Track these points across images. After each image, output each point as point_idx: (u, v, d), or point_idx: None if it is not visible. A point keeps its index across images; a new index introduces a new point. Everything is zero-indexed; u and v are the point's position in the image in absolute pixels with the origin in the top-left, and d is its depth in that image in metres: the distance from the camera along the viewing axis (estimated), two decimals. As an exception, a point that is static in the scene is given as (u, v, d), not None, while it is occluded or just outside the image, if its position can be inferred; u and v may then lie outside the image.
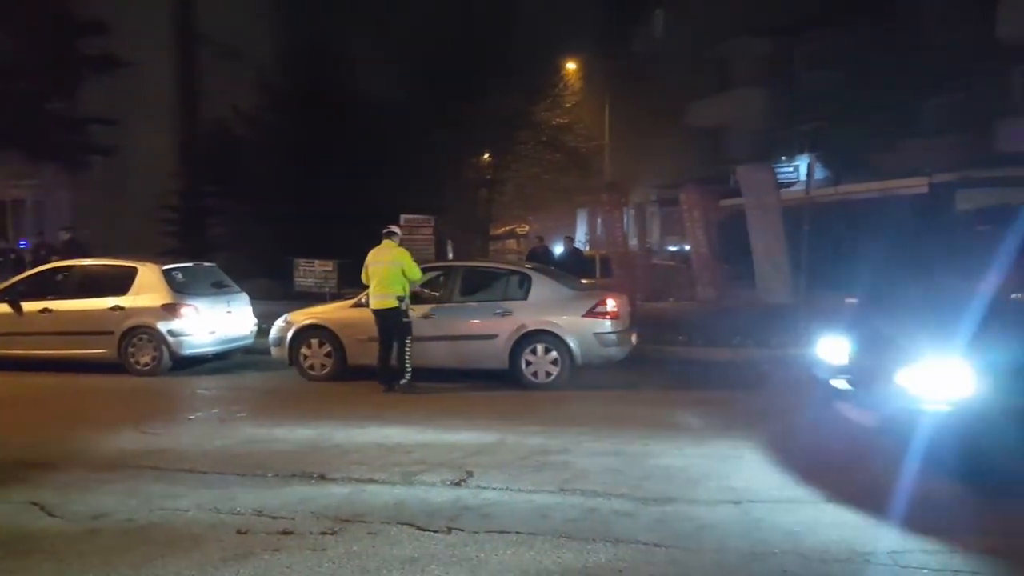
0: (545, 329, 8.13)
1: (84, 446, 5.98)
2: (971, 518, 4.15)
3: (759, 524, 4.21)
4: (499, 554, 3.82)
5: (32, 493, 4.83)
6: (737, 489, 4.78)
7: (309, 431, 6.39)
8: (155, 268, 9.72)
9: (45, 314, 9.57)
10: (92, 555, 3.87)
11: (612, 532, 4.09)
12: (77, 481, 5.11)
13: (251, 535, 4.09)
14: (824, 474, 4.97)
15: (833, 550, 3.83)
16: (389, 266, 8.10)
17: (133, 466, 5.44)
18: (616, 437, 6.10)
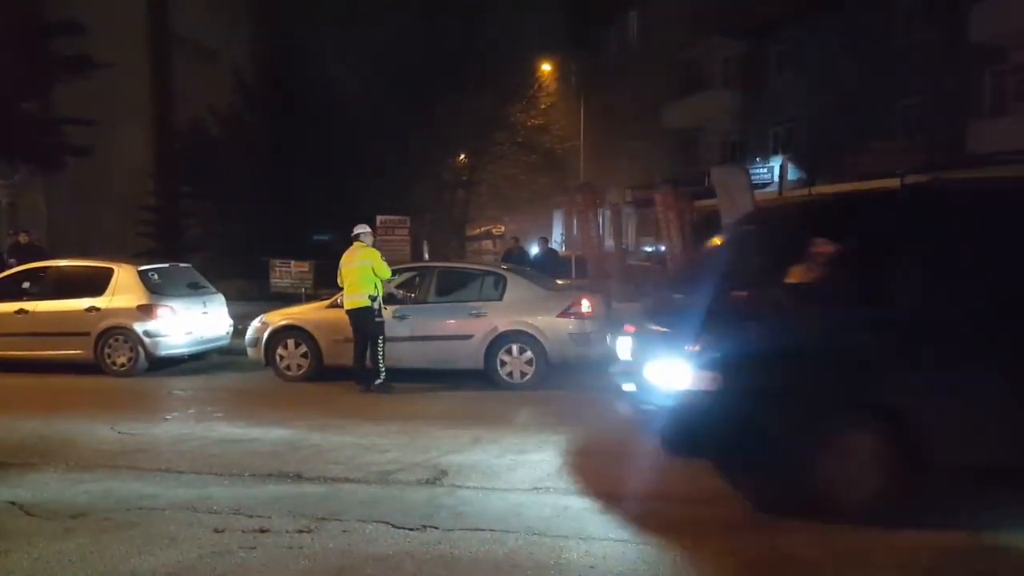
0: (520, 329, 8.28)
1: (61, 446, 6.02)
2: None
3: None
4: (472, 551, 3.94)
5: (10, 492, 4.88)
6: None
7: (286, 431, 6.48)
8: (131, 269, 9.72)
9: (21, 315, 9.54)
10: (70, 553, 3.94)
11: (586, 531, 4.22)
12: (54, 480, 5.18)
13: (228, 533, 4.18)
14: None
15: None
16: (360, 266, 8.20)
17: (110, 466, 5.50)
18: (592, 437, 6.25)
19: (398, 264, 9.51)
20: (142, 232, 20.08)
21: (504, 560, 3.83)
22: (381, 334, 8.21)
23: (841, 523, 4.19)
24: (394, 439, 6.18)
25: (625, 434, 6.19)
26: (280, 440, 6.21)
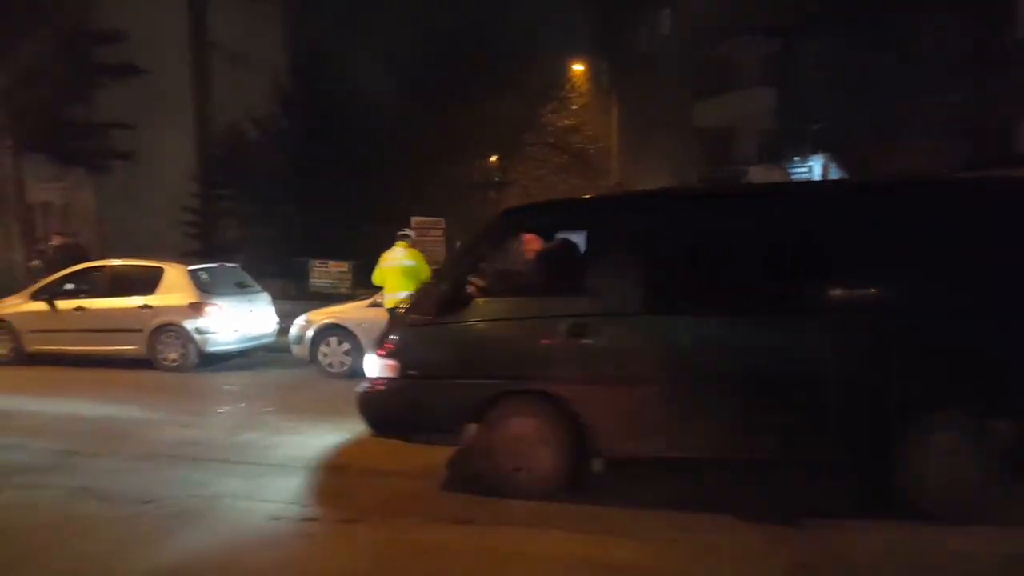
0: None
1: (125, 436, 6.43)
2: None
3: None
4: (511, 543, 4.14)
5: (81, 479, 5.27)
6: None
7: (331, 425, 6.80)
8: (181, 268, 10.18)
9: (79, 312, 10.05)
10: (138, 537, 4.28)
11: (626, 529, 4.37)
12: (120, 469, 5.56)
13: (282, 522, 4.48)
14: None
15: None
16: (402, 265, 8.51)
17: (171, 456, 5.88)
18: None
19: (433, 265, 9.80)
20: (186, 233, 20.74)
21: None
22: None
23: (522, 499, 4.70)
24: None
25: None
26: (327, 434, 6.53)
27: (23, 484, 5.19)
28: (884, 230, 4.56)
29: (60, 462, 5.73)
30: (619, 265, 4.73)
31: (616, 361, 4.67)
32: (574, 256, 5.29)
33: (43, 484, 5.18)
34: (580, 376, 4.69)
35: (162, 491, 5.00)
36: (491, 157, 21.91)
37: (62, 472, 5.48)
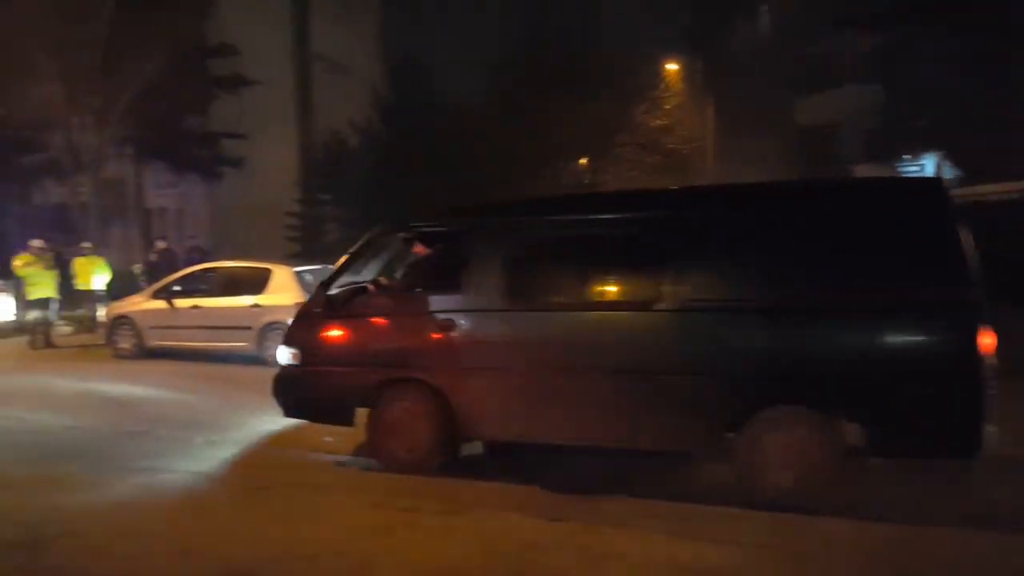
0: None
1: (238, 427, 6.85)
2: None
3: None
4: (610, 543, 4.15)
5: (199, 465, 5.60)
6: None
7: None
8: (288, 270, 10.71)
9: (195, 310, 10.74)
10: (254, 521, 4.53)
11: (727, 535, 4.31)
12: (236, 456, 5.91)
13: (384, 509, 4.63)
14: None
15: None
16: None
17: (282, 445, 6.27)
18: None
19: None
20: (289, 236, 21.76)
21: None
22: None
23: (407, 473, 5.27)
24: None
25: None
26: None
27: (150, 468, 5.59)
28: (717, 233, 4.84)
29: (179, 449, 6.14)
30: (480, 268, 5.26)
31: (477, 352, 5.21)
32: (447, 260, 5.71)
33: (168, 469, 5.56)
34: (449, 366, 5.25)
35: (274, 478, 5.25)
36: (581, 159, 21.80)
37: (183, 458, 5.86)
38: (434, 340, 5.26)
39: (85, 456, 5.84)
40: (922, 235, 4.46)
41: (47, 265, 12.03)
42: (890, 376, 4.41)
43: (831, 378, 4.52)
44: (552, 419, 5.13)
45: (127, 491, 5.00)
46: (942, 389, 4.35)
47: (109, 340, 11.25)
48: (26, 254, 11.98)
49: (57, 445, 6.29)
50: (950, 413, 4.38)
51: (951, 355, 4.37)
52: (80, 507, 4.67)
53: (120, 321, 11.16)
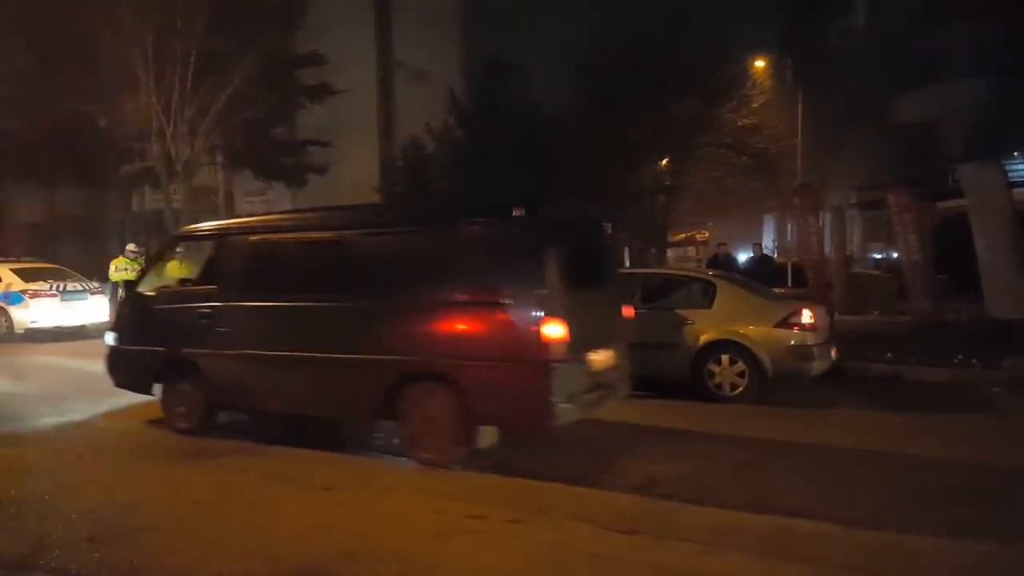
0: (731, 340, 7.90)
1: (306, 426, 6.75)
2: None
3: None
4: (684, 560, 3.81)
5: (275, 466, 5.56)
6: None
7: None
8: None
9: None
10: (322, 519, 4.45)
11: (812, 554, 3.90)
12: (303, 457, 5.83)
13: (448, 515, 4.44)
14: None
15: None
16: None
17: (352, 445, 6.23)
18: (819, 458, 5.79)
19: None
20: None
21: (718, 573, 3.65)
22: None
23: (181, 434, 6.45)
24: (602, 443, 6.23)
25: (856, 456, 5.69)
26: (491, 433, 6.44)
27: (224, 466, 5.58)
28: (361, 249, 6.05)
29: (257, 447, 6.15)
30: (220, 268, 6.64)
31: (220, 337, 6.35)
32: (209, 263, 7.14)
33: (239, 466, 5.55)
34: (206, 348, 6.43)
35: (340, 479, 5.16)
36: (662, 160, 21.19)
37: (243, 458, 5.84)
38: (197, 327, 6.48)
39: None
40: (511, 253, 5.52)
41: (142, 268, 12.49)
42: (485, 360, 5.45)
43: (453, 360, 5.51)
44: (270, 392, 6.30)
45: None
46: (519, 372, 5.34)
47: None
48: (121, 258, 12.52)
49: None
50: (525, 391, 5.36)
51: (524, 343, 5.31)
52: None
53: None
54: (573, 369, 5.40)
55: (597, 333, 5.88)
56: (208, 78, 15.95)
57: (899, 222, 14.12)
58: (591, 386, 5.68)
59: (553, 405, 5.28)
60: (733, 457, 5.76)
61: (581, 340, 5.44)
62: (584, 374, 5.59)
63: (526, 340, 5.27)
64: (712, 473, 5.37)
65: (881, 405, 7.90)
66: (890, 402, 8.02)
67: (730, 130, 20.47)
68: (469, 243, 5.71)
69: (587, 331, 5.60)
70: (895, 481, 5.22)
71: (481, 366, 5.42)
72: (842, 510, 4.55)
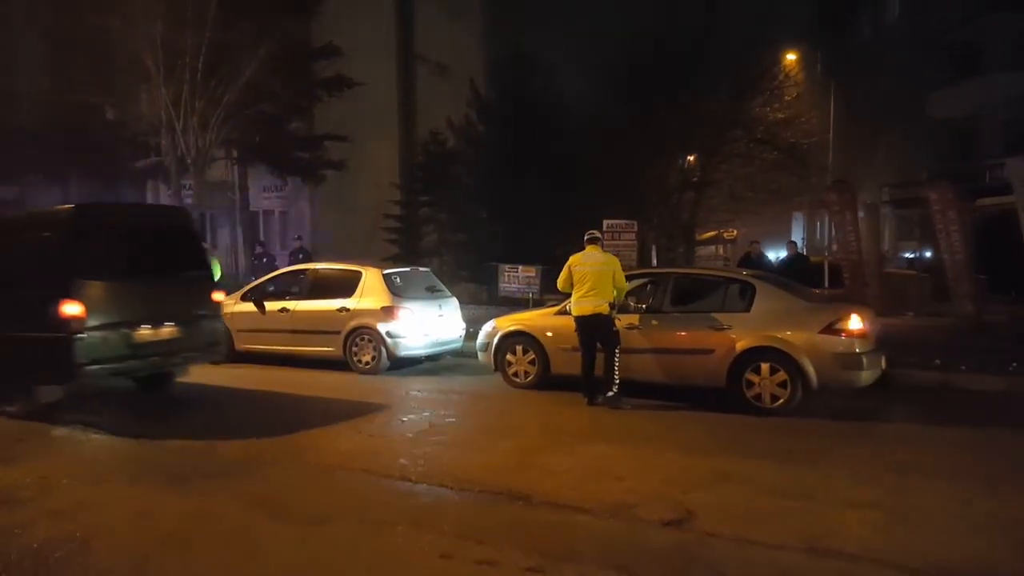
0: (771, 346, 7.24)
1: (306, 444, 6.23)
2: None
3: None
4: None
5: (258, 489, 5.03)
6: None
7: (514, 444, 6.16)
8: (377, 272, 10.19)
9: (283, 313, 10.40)
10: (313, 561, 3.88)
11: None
12: (297, 481, 5.28)
13: (455, 561, 3.85)
14: None
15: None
16: (603, 270, 7.72)
17: (348, 468, 5.54)
18: (873, 483, 5.14)
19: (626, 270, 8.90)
20: (386, 238, 21.62)
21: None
22: (617, 344, 7.67)
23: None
24: (628, 464, 5.58)
25: (924, 481, 5.02)
26: (509, 453, 5.90)
27: (205, 490, 5.06)
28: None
29: (240, 468, 5.61)
30: None
31: None
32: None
33: (221, 490, 5.01)
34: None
35: (333, 512, 4.59)
36: (690, 156, 20.45)
37: (238, 480, 5.31)
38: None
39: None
40: (48, 247, 7.00)
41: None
42: (28, 331, 6.85)
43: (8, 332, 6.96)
44: None
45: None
46: (49, 340, 6.72)
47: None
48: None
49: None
50: (53, 356, 6.73)
51: (49, 319, 6.65)
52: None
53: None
54: (104, 338, 6.85)
55: (151, 311, 7.30)
56: (220, 69, 15.49)
57: (942, 220, 13.34)
58: (132, 353, 7.09)
59: (78, 367, 6.70)
60: (778, 483, 5.11)
61: (122, 316, 7.01)
62: (123, 343, 7.00)
63: (51, 316, 6.63)
64: (756, 502, 4.73)
65: (936, 418, 7.19)
66: (945, 415, 7.32)
67: (762, 124, 19.67)
68: (19, 240, 7.24)
69: (136, 309, 7.17)
70: (968, 515, 4.55)
71: (27, 337, 6.79)
72: (910, 554, 3.91)
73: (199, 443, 6.29)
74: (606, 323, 7.68)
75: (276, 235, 25.15)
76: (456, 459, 5.73)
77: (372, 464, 5.59)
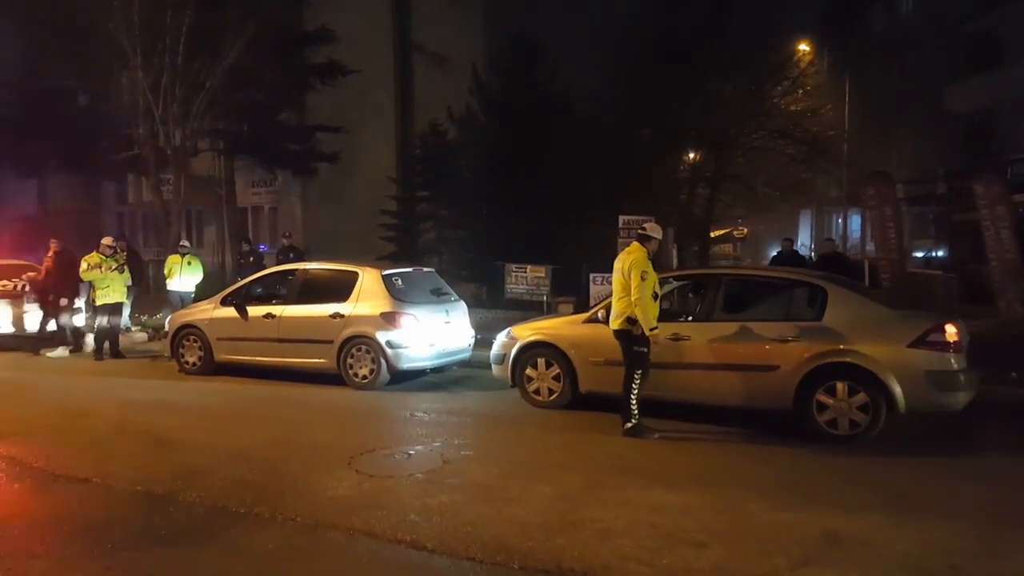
0: (850, 361, 6.07)
1: (292, 487, 5.03)
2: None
3: None
4: None
5: (223, 558, 3.84)
6: None
7: (552, 489, 4.96)
8: (376, 273, 8.96)
9: (269, 320, 9.16)
10: None
11: None
12: (273, 550, 4.06)
13: None
14: None
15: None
16: (615, 275, 6.52)
17: (344, 527, 4.33)
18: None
19: (667, 272, 7.72)
20: (382, 236, 20.42)
21: None
22: (639, 367, 6.36)
23: None
24: (704, 519, 4.38)
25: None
26: (548, 502, 4.71)
27: (167, 558, 3.85)
28: None
29: (210, 524, 4.41)
30: None
31: None
32: None
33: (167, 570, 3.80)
34: None
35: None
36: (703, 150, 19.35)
37: (208, 543, 4.11)
38: None
39: None
40: None
41: (118, 266, 10.75)
42: None
43: None
44: None
45: None
46: None
47: (173, 353, 9.86)
48: (95, 254, 10.74)
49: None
50: None
51: None
52: None
53: (186, 331, 9.74)
54: None
55: None
56: (203, 52, 14.18)
57: (990, 216, 12.24)
58: None
59: None
60: (909, 547, 3.92)
61: None
62: None
63: None
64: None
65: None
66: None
67: (782, 115, 18.54)
68: None
69: None
70: None
71: None
72: None
73: (156, 489, 5.07)
74: (622, 340, 6.44)
75: (266, 233, 23.88)
76: (482, 514, 4.51)
77: (374, 522, 4.38)
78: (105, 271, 10.56)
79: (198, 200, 20.52)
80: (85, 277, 10.79)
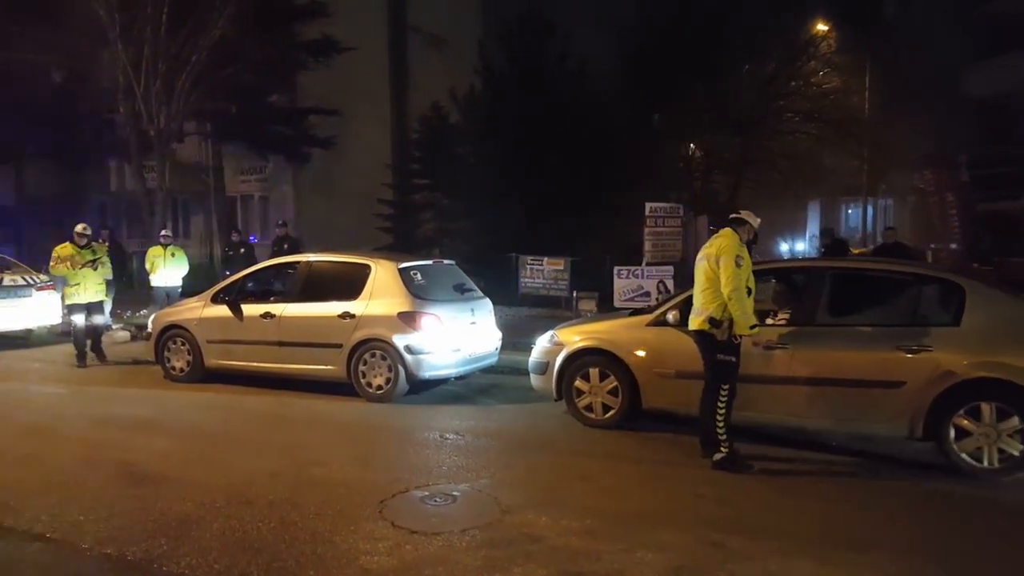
0: (999, 377, 4.90)
1: (312, 553, 3.79)
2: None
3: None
4: None
5: None
6: None
7: (658, 558, 3.76)
8: (391, 267, 7.70)
9: (267, 320, 7.90)
10: None
11: None
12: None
13: None
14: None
15: None
16: (700, 265, 5.33)
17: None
18: None
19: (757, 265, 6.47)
20: (379, 226, 19.18)
21: None
22: (725, 380, 5.21)
23: None
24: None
25: None
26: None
27: None
28: None
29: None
30: None
31: None
32: None
33: None
34: None
35: None
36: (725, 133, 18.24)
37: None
38: None
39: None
40: None
41: (91, 261, 9.34)
42: None
43: None
44: None
45: None
46: None
47: (158, 357, 8.57)
48: (68, 244, 9.35)
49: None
50: None
51: None
52: None
53: (172, 332, 8.45)
54: None
55: None
56: (187, 23, 12.82)
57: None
58: None
59: None
60: None
61: None
62: None
63: None
64: None
65: None
66: None
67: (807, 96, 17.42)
68: None
69: None
70: None
71: None
72: None
73: (131, 551, 3.82)
74: (702, 344, 5.31)
75: (256, 222, 22.51)
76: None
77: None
78: (75, 266, 9.20)
79: (185, 188, 19.15)
80: (53, 272, 9.45)
